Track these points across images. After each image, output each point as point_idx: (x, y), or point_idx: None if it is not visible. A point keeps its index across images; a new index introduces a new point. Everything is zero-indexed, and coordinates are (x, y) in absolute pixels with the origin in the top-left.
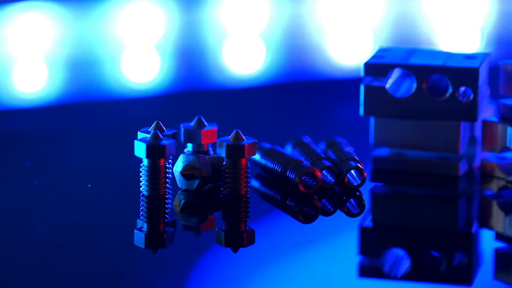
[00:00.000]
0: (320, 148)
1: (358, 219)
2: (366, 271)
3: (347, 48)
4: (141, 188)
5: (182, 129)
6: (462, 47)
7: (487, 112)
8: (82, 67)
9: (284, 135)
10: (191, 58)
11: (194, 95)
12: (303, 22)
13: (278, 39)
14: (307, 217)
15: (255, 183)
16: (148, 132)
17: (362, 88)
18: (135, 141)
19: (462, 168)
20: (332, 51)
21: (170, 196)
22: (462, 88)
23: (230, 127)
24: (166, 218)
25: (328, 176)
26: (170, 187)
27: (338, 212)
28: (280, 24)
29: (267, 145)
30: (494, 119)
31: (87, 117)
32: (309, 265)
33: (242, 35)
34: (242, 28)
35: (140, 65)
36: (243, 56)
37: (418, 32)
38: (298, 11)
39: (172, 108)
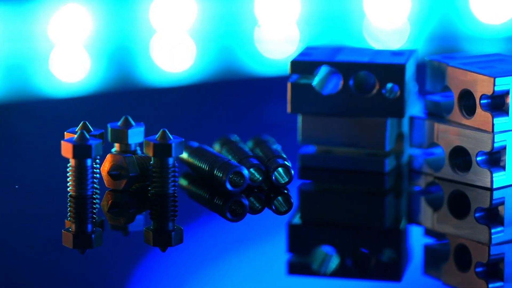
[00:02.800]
0: (247, 146)
1: (286, 217)
2: (295, 269)
3: (276, 46)
4: (68, 189)
5: (109, 129)
6: (391, 44)
7: (414, 108)
8: (10, 66)
9: (212, 134)
10: (120, 58)
11: (123, 94)
12: (232, 20)
13: (207, 37)
14: (235, 216)
15: (183, 182)
16: (75, 133)
17: (289, 85)
18: (62, 141)
19: (390, 164)
20: (261, 48)
21: (98, 196)
22: (389, 85)
23: (158, 126)
24: (94, 218)
25: (256, 174)
26: (98, 187)
27: (266, 210)
28: (209, 22)
29: (195, 144)
30: (422, 115)
31: (15, 117)
32: (238, 263)
33: (172, 33)
34: (172, 26)
35: (68, 64)
36: (172, 54)
37: (348, 29)
38: (227, 9)
39: (100, 108)
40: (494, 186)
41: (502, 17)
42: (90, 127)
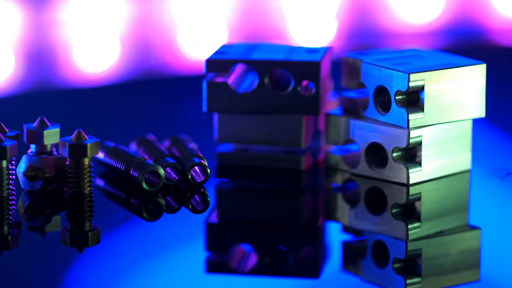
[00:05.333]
0: (164, 145)
1: (203, 216)
2: (213, 267)
3: (198, 44)
4: None
5: (24, 130)
6: (313, 41)
7: (331, 105)
8: None
9: (129, 134)
10: (37, 59)
11: (39, 95)
12: (153, 19)
13: (128, 37)
14: (152, 215)
15: (99, 182)
16: None
17: (204, 84)
18: None
19: (307, 162)
20: (183, 47)
21: (14, 198)
22: (305, 82)
23: (75, 127)
24: (11, 219)
25: (172, 173)
26: (14, 188)
27: (183, 209)
28: (130, 22)
29: (111, 144)
30: (337, 112)
31: None
32: (156, 262)
33: (92, 34)
34: (93, 26)
35: None
36: (91, 55)
37: (270, 26)
38: (148, 8)
39: (15, 109)
40: (410, 182)
41: (423, 13)
42: (5, 128)
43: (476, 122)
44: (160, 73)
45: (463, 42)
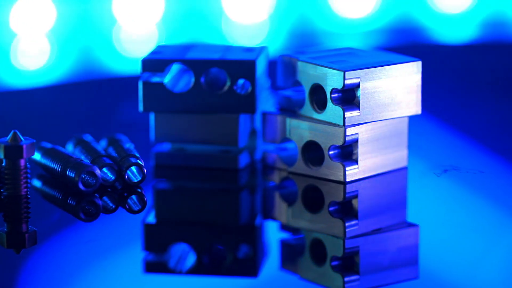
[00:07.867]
0: (101, 146)
1: (140, 216)
2: (151, 267)
3: (137, 45)
4: None
5: None
6: (249, 40)
7: (267, 104)
8: None
9: (67, 134)
10: None
11: None
12: (91, 20)
13: (65, 38)
14: (89, 216)
15: (36, 183)
16: None
17: (140, 84)
18: None
19: (243, 161)
20: (120, 48)
21: None
22: (241, 81)
23: (11, 128)
24: None
25: (108, 173)
26: None
27: (120, 209)
28: (67, 23)
29: (48, 145)
30: (274, 110)
31: None
32: (94, 263)
33: (30, 34)
34: (30, 27)
35: None
36: (30, 55)
37: (207, 27)
38: (85, 9)
39: None
40: (347, 180)
41: (361, 12)
42: None
43: (413, 119)
44: (97, 73)
45: (400, 40)
